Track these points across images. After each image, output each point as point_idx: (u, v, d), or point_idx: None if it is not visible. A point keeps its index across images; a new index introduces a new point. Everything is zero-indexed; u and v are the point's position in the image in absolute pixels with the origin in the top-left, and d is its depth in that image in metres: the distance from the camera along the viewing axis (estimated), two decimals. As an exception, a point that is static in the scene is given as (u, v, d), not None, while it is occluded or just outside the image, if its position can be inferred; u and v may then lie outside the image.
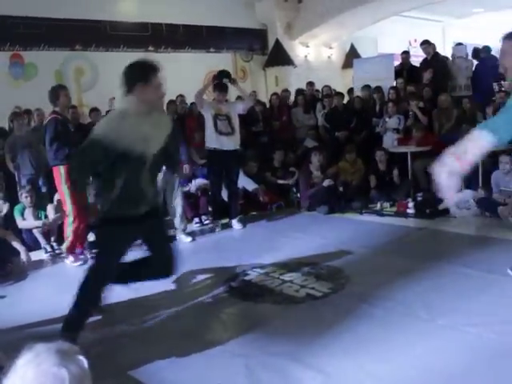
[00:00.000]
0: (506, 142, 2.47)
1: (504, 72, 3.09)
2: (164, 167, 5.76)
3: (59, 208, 6.07)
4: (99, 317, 3.97)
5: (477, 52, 9.10)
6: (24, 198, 6.12)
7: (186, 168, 6.35)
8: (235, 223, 6.66)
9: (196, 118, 7.96)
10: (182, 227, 6.24)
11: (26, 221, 6.12)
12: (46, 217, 6.17)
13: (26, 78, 9.49)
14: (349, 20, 12.57)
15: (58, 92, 5.54)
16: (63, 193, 5.50)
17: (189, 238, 6.21)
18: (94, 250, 5.67)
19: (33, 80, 9.55)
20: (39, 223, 6.06)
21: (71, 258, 5.59)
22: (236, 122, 6.56)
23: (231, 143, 6.47)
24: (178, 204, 6.23)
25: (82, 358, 1.22)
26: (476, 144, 2.43)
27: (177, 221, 6.22)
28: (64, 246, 5.70)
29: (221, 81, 6.63)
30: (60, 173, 5.41)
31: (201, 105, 6.58)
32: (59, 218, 6.11)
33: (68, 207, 5.51)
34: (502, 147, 2.59)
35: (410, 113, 8.00)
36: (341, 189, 7.36)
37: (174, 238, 6.19)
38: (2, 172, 7.06)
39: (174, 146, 5.77)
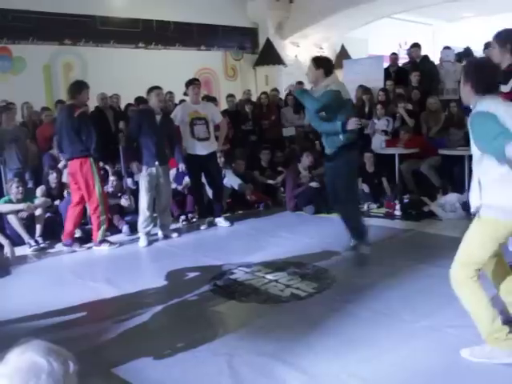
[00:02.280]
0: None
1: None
2: (157, 162, 5.91)
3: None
4: (84, 313, 3.98)
5: (469, 53, 9.12)
6: (15, 188, 6.06)
7: (182, 167, 6.40)
8: (220, 221, 6.67)
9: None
10: (169, 224, 6.26)
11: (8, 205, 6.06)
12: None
13: (14, 71, 9.40)
14: (340, 21, 12.61)
15: (81, 88, 5.71)
16: (93, 183, 5.67)
17: (175, 234, 6.23)
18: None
19: (21, 74, 9.47)
20: (24, 206, 5.99)
21: (106, 244, 5.88)
22: (212, 127, 6.52)
23: (208, 148, 6.43)
24: (168, 202, 6.25)
25: (71, 363, 1.22)
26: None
27: (164, 218, 6.23)
28: (98, 237, 5.85)
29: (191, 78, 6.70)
30: (91, 163, 5.63)
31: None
32: (45, 202, 6.12)
33: (99, 198, 5.72)
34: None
35: (398, 115, 8.05)
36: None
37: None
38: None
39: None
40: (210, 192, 6.84)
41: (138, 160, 5.94)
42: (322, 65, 4.89)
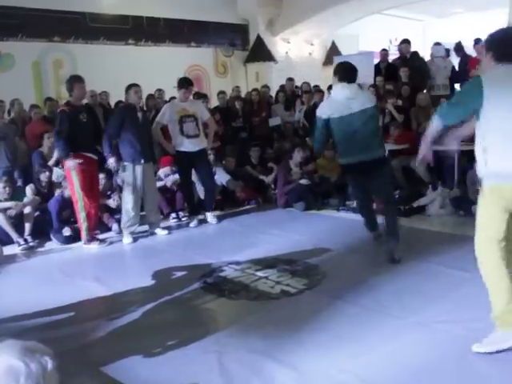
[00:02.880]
0: (454, 122, 2.96)
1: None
2: (142, 160, 5.88)
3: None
4: (73, 312, 3.96)
5: (460, 47, 9.11)
6: (1, 188, 6.02)
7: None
8: (209, 216, 6.69)
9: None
10: (157, 221, 6.25)
11: None
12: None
13: (3, 68, 9.33)
14: (331, 17, 12.61)
15: (72, 84, 5.70)
16: (72, 181, 5.68)
17: (165, 231, 6.21)
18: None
19: (10, 71, 9.40)
20: (11, 204, 5.97)
21: (95, 243, 5.84)
22: (201, 124, 6.52)
23: (198, 145, 6.42)
24: (155, 199, 6.23)
25: (48, 358, 1.21)
26: (431, 129, 3.00)
27: (153, 216, 6.21)
28: (83, 236, 5.84)
29: (185, 79, 6.67)
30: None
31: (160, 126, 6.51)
32: (34, 201, 6.10)
33: (77, 195, 5.69)
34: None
35: (387, 110, 8.06)
36: (317, 180, 7.41)
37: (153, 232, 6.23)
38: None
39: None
40: (200, 190, 6.84)
41: (120, 157, 5.95)
42: (336, 71, 4.79)
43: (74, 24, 10.23)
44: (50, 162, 6.92)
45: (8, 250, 5.65)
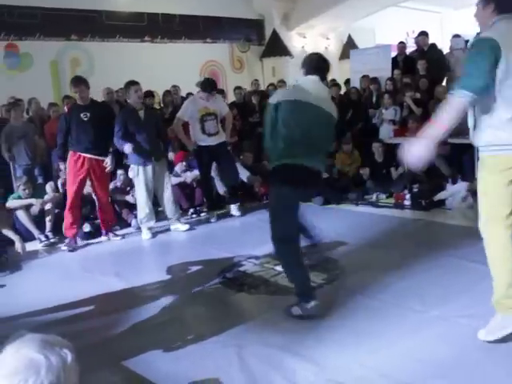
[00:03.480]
0: (481, 87, 2.59)
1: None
2: (153, 158, 5.90)
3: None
4: (93, 306, 4.00)
5: None
6: (22, 190, 6.12)
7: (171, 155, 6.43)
8: (233, 209, 6.74)
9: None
10: (176, 216, 6.26)
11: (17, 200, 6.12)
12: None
13: (22, 68, 9.43)
14: (346, 11, 12.53)
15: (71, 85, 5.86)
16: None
17: (186, 226, 6.22)
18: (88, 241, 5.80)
19: (28, 70, 9.50)
20: (32, 200, 6.06)
21: (64, 245, 5.80)
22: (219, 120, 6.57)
23: (218, 140, 6.46)
24: (169, 194, 6.22)
25: (67, 351, 1.21)
26: (451, 105, 2.67)
27: (169, 211, 6.22)
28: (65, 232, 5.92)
29: (209, 82, 6.65)
30: (70, 156, 5.78)
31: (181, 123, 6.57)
32: (54, 198, 6.17)
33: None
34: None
35: (405, 104, 7.98)
36: (335, 174, 7.38)
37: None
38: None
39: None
40: (218, 185, 6.85)
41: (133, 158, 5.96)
42: (305, 63, 3.83)
43: (90, 22, 10.30)
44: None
45: (30, 246, 5.71)
